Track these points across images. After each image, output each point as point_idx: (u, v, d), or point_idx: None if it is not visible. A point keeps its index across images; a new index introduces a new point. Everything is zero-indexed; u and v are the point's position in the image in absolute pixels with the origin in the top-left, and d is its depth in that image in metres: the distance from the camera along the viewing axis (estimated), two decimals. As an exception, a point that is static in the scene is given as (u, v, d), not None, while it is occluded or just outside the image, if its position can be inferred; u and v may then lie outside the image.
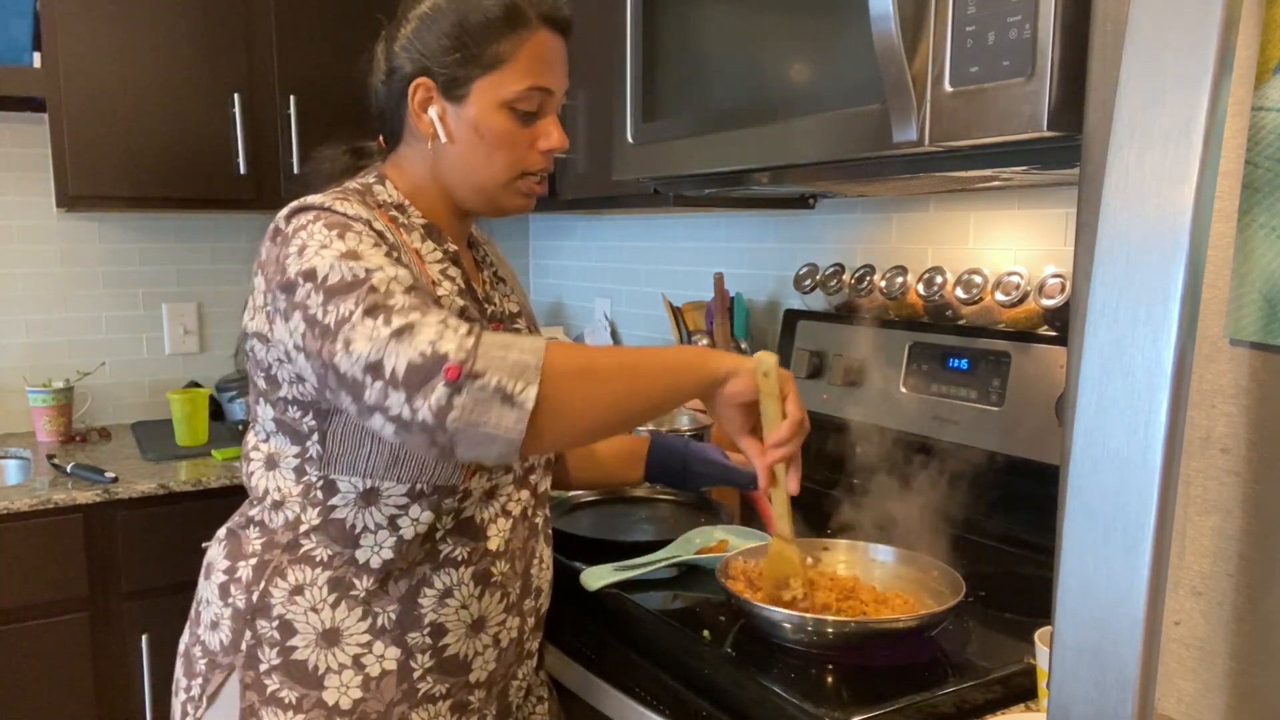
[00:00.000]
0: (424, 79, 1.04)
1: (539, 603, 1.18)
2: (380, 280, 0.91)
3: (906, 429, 1.57)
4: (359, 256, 0.93)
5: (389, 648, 1.04)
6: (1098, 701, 0.49)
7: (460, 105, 1.04)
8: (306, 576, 1.04)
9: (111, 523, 1.98)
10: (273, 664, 1.04)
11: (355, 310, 0.89)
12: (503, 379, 0.85)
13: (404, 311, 0.88)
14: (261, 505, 1.07)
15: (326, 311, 0.91)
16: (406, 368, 0.85)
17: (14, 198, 2.41)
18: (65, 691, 1.96)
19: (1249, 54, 0.50)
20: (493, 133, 1.04)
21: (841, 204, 1.87)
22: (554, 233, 2.94)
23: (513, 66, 1.03)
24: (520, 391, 0.85)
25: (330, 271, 0.92)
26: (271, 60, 2.30)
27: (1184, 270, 0.46)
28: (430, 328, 0.87)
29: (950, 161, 1.11)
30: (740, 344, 1.99)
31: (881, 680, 1.00)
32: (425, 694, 1.06)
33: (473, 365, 0.85)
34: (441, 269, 1.07)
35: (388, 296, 0.89)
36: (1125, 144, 0.49)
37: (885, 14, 0.98)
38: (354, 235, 0.95)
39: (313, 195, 1.01)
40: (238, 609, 1.06)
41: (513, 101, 1.04)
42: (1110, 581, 0.49)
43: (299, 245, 0.95)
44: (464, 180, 1.08)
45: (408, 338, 0.86)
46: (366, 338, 0.87)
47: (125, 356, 2.57)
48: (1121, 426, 0.48)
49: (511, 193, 1.09)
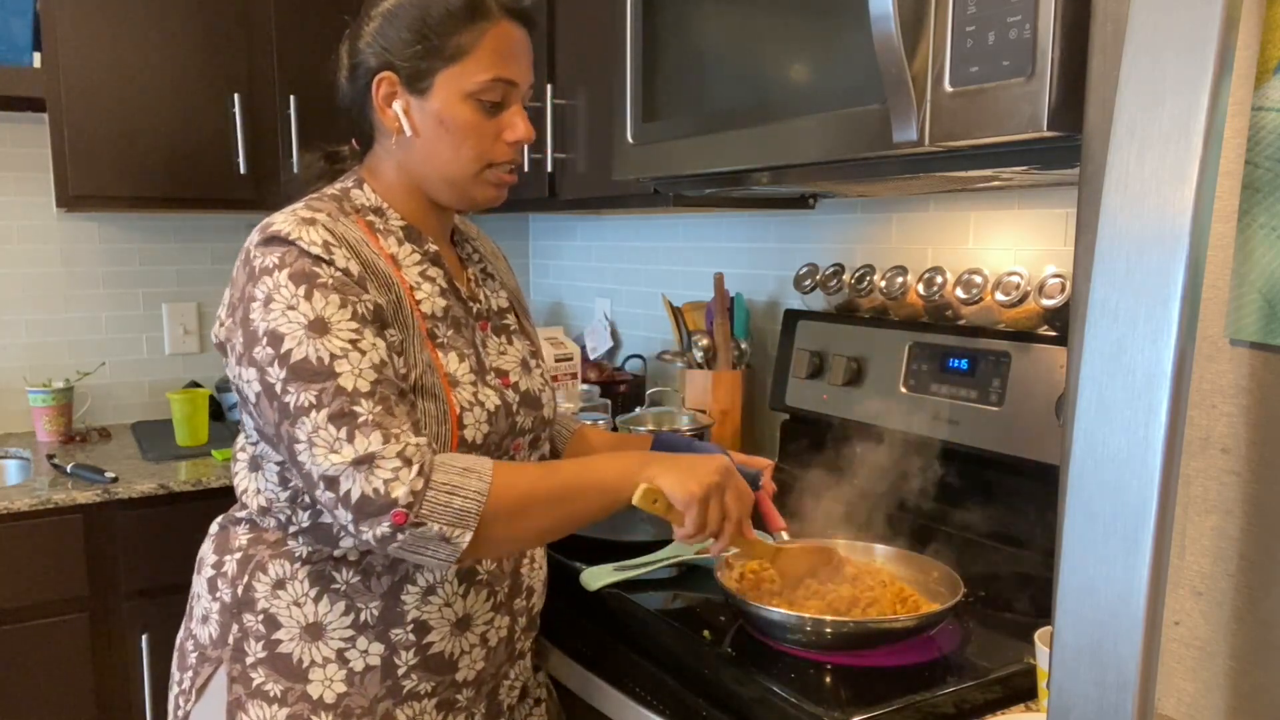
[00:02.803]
0: (387, 73, 1.05)
1: (531, 602, 1.17)
2: (347, 378, 0.93)
3: (906, 429, 1.57)
4: (326, 330, 0.94)
5: (372, 643, 1.05)
6: (1098, 701, 0.49)
7: (424, 98, 1.05)
8: (287, 570, 1.05)
9: (111, 523, 1.98)
10: (258, 657, 1.05)
11: (318, 409, 0.93)
12: (443, 528, 0.92)
13: (367, 429, 0.92)
14: (250, 505, 1.09)
15: (287, 391, 0.94)
16: (360, 497, 0.91)
17: (14, 198, 2.41)
18: (65, 691, 1.96)
19: (1249, 54, 0.50)
20: (457, 124, 1.05)
21: (841, 204, 1.87)
22: (554, 233, 2.94)
23: (475, 58, 1.04)
24: (457, 537, 0.93)
25: (296, 347, 0.94)
26: (271, 60, 2.29)
27: (1184, 270, 0.46)
28: (387, 465, 0.91)
29: (950, 161, 1.11)
30: (740, 344, 1.99)
31: (881, 680, 1.00)
32: (410, 691, 1.06)
33: (418, 512, 0.91)
34: (421, 270, 1.07)
35: (353, 402, 0.93)
36: (1125, 144, 0.49)
37: (885, 14, 0.98)
38: (320, 294, 0.95)
39: (282, 212, 1.01)
40: (225, 603, 1.07)
41: (476, 92, 1.04)
42: (1110, 581, 0.49)
43: (264, 294, 0.96)
44: (432, 173, 1.08)
45: (365, 470, 0.91)
46: (327, 451, 0.92)
47: (125, 356, 2.57)
48: (1121, 426, 0.48)
49: (480, 184, 1.09)
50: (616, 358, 2.61)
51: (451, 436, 1.03)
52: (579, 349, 2.38)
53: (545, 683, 1.29)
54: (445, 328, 1.07)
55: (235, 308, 0.99)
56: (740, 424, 1.98)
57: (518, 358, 1.16)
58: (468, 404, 1.05)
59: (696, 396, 1.96)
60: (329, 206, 1.04)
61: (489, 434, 1.06)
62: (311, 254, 0.96)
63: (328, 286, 0.96)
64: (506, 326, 1.18)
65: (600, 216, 2.66)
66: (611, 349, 2.63)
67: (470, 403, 1.05)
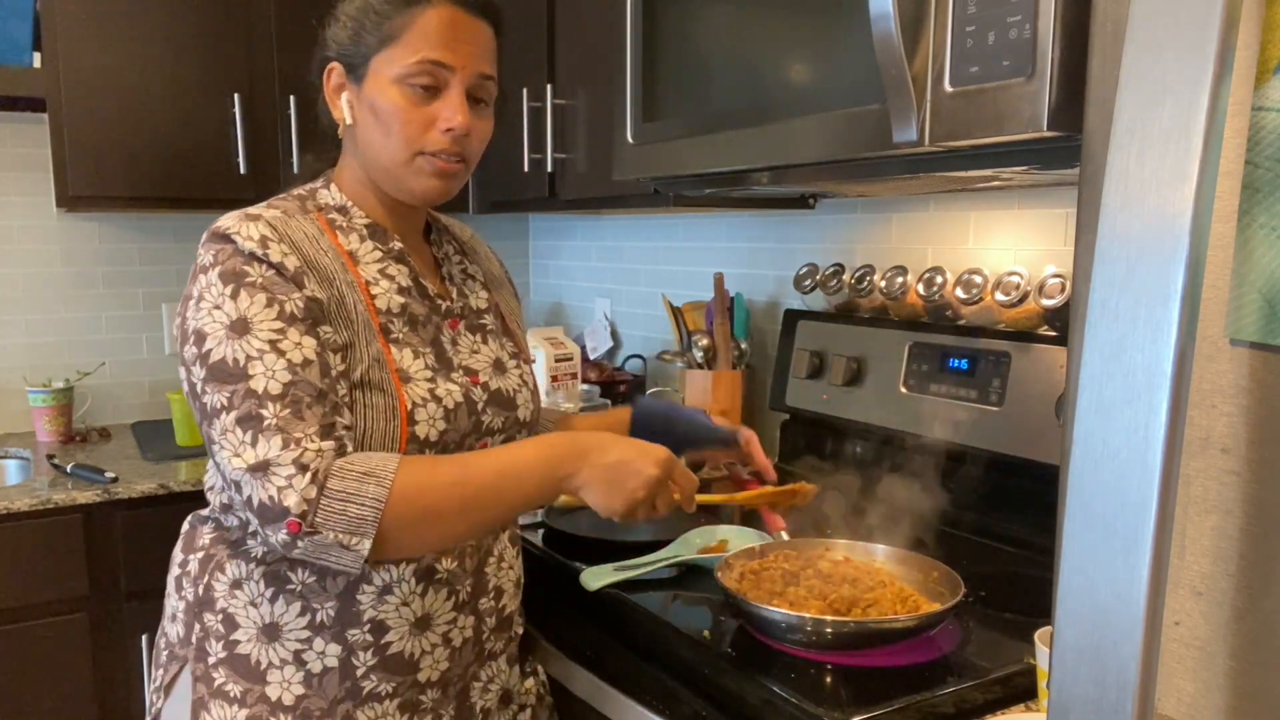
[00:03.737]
0: (334, 64, 1.07)
1: (501, 603, 1.17)
2: (259, 381, 0.94)
3: (906, 429, 1.57)
4: (247, 330, 0.95)
5: (329, 644, 1.04)
6: (1098, 701, 0.49)
7: (360, 85, 1.05)
8: (243, 570, 1.05)
9: (111, 523, 1.98)
10: (219, 657, 1.05)
11: (228, 411, 0.93)
12: (338, 535, 0.91)
13: (269, 434, 0.92)
14: (212, 503, 1.11)
15: (205, 391, 0.95)
16: (259, 504, 0.92)
17: (14, 198, 2.41)
18: (65, 691, 1.96)
19: (1249, 54, 0.50)
20: (386, 110, 1.04)
21: (841, 204, 1.87)
22: (554, 233, 2.94)
23: (404, 41, 1.03)
24: (355, 544, 0.92)
25: (216, 347, 0.95)
26: (271, 60, 2.29)
27: (1184, 270, 0.46)
28: (282, 472, 0.91)
29: (950, 161, 1.11)
30: (740, 344, 1.99)
31: (881, 680, 1.00)
32: (370, 692, 1.06)
33: (311, 520, 0.91)
34: (381, 268, 1.08)
35: (261, 405, 0.93)
36: (1125, 144, 0.49)
37: (885, 14, 0.98)
38: (246, 294, 0.96)
39: (235, 211, 1.02)
40: (188, 601, 1.08)
41: (404, 76, 1.03)
42: (1110, 581, 0.49)
43: (197, 293, 0.98)
44: (371, 162, 1.08)
45: (260, 477, 0.91)
46: (232, 454, 0.93)
47: (125, 356, 2.57)
48: (1121, 426, 0.48)
49: (414, 173, 1.06)
50: (616, 358, 2.61)
51: (401, 432, 1.02)
52: (579, 349, 2.38)
53: (536, 689, 1.28)
54: (401, 324, 1.06)
55: (182, 304, 1.00)
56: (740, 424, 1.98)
57: (491, 358, 1.15)
58: (421, 400, 1.03)
59: (696, 396, 1.96)
60: (287, 205, 1.05)
61: (446, 431, 1.05)
62: (245, 251, 0.97)
63: (255, 286, 0.96)
64: (483, 326, 1.17)
65: (600, 216, 2.66)
66: (611, 349, 2.63)
67: (424, 398, 1.04)
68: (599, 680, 1.24)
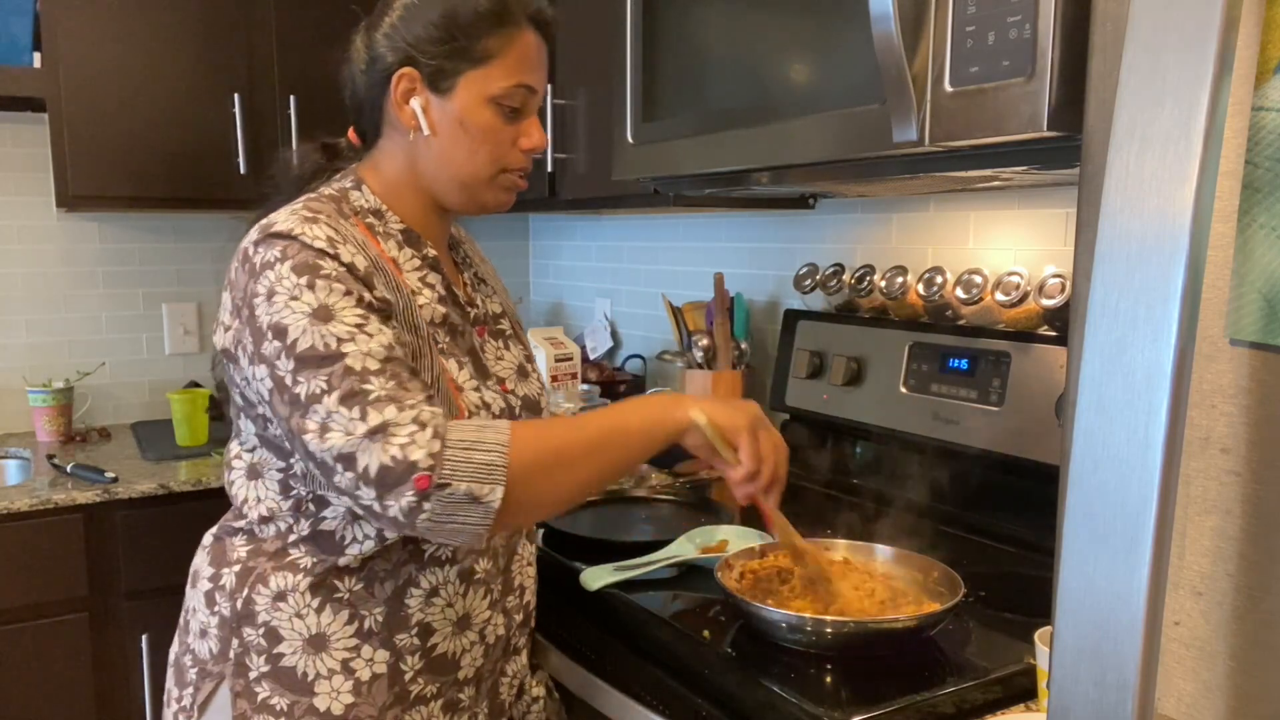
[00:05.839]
0: (408, 69, 1.04)
1: (524, 600, 1.18)
2: (355, 359, 0.91)
3: (906, 429, 1.57)
4: (331, 317, 0.93)
5: (378, 650, 1.04)
6: (1098, 701, 0.49)
7: (445, 98, 1.04)
8: (289, 582, 1.03)
9: (111, 523, 1.98)
10: (262, 671, 1.03)
11: (329, 393, 0.90)
12: (470, 485, 0.88)
13: (379, 404, 0.89)
14: (247, 515, 1.07)
15: (297, 381, 0.92)
16: (379, 469, 0.88)
17: (14, 198, 2.41)
18: (65, 691, 1.96)
19: (1249, 54, 0.50)
20: (478, 127, 1.04)
21: (841, 204, 1.87)
22: (554, 233, 2.94)
23: (501, 62, 1.03)
24: (487, 495, 0.89)
25: (301, 336, 0.92)
26: (271, 60, 2.29)
27: (1184, 270, 0.46)
28: (403, 431, 0.88)
29: (950, 161, 1.11)
30: (740, 344, 1.99)
31: (881, 680, 1.00)
32: (417, 695, 1.06)
33: (440, 473, 0.88)
34: (420, 276, 1.07)
35: (363, 380, 0.90)
36: (1125, 144, 0.49)
37: (885, 14, 0.98)
38: (324, 284, 0.94)
39: (281, 212, 1.00)
40: (224, 617, 1.05)
41: (500, 97, 1.04)
42: (1110, 581, 0.49)
43: (266, 288, 0.94)
44: (445, 174, 1.07)
45: (381, 439, 0.88)
46: (342, 430, 0.89)
47: (125, 356, 2.57)
48: (1121, 426, 0.48)
49: (494, 188, 1.09)
50: (616, 358, 2.61)
51: None
52: (579, 349, 2.38)
53: (544, 681, 1.29)
54: (444, 334, 1.06)
55: (239, 309, 0.97)
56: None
57: (514, 364, 1.16)
58: (475, 408, 1.04)
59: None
60: (328, 208, 1.02)
61: None
62: (315, 247, 0.95)
63: (331, 278, 0.94)
64: (502, 331, 1.17)
65: (600, 216, 2.66)
66: (611, 349, 2.63)
67: (477, 406, 1.05)
68: (599, 680, 1.24)
